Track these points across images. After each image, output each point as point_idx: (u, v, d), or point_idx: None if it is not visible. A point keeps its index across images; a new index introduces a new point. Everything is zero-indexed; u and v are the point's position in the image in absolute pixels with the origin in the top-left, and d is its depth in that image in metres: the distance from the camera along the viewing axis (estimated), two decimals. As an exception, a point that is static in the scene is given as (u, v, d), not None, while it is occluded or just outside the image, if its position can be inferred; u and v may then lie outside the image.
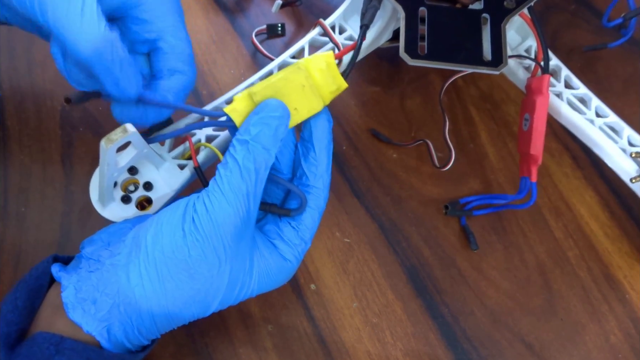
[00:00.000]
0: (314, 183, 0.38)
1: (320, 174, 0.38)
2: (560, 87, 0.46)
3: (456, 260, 0.46)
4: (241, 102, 0.36)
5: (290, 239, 0.38)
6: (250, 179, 0.34)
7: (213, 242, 0.33)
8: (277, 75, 0.36)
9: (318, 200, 0.38)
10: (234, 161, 0.34)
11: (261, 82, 0.36)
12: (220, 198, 0.33)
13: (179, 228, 0.33)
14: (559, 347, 0.44)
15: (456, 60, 0.40)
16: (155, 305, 0.33)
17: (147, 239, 0.33)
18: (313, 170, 0.38)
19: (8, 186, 0.47)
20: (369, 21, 0.40)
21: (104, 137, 0.33)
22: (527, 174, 0.43)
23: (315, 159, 0.38)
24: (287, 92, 0.36)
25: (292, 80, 0.35)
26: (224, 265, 0.34)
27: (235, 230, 0.34)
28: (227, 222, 0.33)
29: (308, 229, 0.38)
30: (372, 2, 0.41)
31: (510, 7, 0.41)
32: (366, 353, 0.43)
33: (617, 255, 0.47)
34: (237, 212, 0.33)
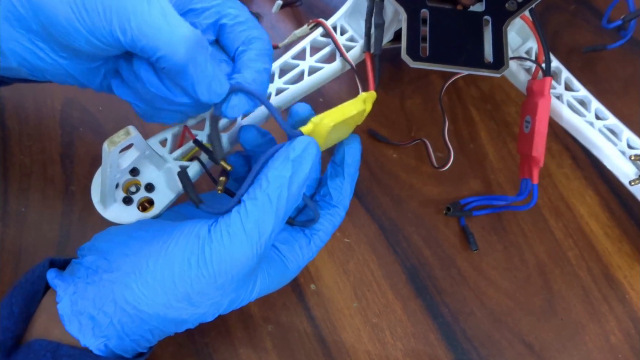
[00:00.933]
0: (337, 203, 0.40)
1: (344, 196, 0.40)
2: (561, 89, 0.46)
3: (456, 260, 0.46)
4: (318, 127, 0.36)
5: (301, 247, 0.38)
6: (279, 220, 0.32)
7: (221, 280, 0.32)
8: (351, 111, 0.37)
9: (335, 219, 0.40)
10: (267, 198, 0.32)
11: (338, 113, 0.37)
12: (241, 236, 0.32)
13: (186, 260, 0.32)
14: (559, 347, 0.44)
15: (458, 62, 0.40)
16: (153, 320, 0.33)
17: (150, 265, 0.32)
18: (338, 191, 0.40)
19: (8, 186, 0.47)
20: (381, 20, 0.42)
21: (106, 140, 0.33)
22: (527, 175, 0.43)
23: (342, 183, 0.40)
24: (347, 124, 0.38)
25: (357, 116, 0.38)
26: (226, 297, 0.33)
27: (248, 271, 0.33)
28: (242, 262, 0.32)
29: (321, 240, 0.39)
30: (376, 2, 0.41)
31: (511, 10, 0.41)
32: (366, 353, 0.43)
33: (617, 255, 0.47)
34: (256, 253, 0.32)
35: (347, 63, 0.43)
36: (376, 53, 0.42)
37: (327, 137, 0.37)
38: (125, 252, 0.34)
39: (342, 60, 0.43)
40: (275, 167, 0.33)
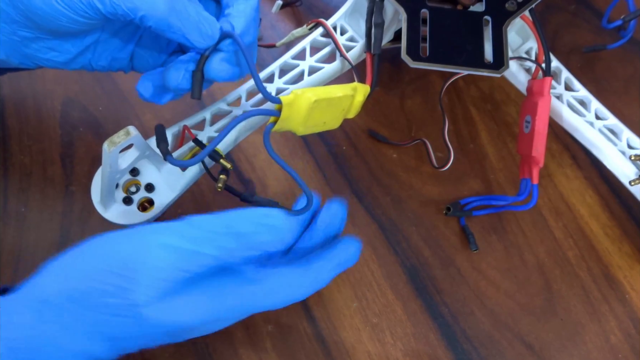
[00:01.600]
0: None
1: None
2: (561, 89, 0.46)
3: (456, 260, 0.46)
4: (299, 99, 0.35)
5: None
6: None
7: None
8: (337, 92, 0.36)
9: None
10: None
11: (323, 91, 0.36)
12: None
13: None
14: (559, 347, 0.44)
15: (458, 62, 0.40)
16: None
17: None
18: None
19: (8, 186, 0.47)
20: (381, 19, 0.41)
21: (106, 140, 0.33)
22: (527, 175, 0.43)
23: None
24: (332, 108, 0.37)
25: (344, 100, 0.37)
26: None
27: None
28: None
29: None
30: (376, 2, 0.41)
31: (511, 10, 0.41)
32: (366, 353, 0.43)
33: (617, 255, 0.47)
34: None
35: (347, 63, 0.43)
36: (375, 52, 0.42)
37: (309, 115, 0.36)
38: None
39: (342, 61, 0.43)
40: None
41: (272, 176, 0.48)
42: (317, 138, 0.50)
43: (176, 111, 0.50)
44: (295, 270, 0.35)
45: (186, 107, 0.50)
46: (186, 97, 0.51)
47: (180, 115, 0.49)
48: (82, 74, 0.51)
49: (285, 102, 0.34)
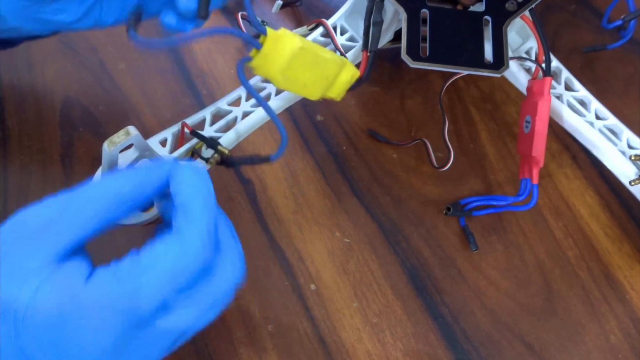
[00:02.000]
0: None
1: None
2: (561, 89, 0.46)
3: (456, 260, 0.46)
4: (285, 38, 0.34)
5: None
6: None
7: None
8: (325, 53, 0.36)
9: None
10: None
11: (311, 44, 0.35)
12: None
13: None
14: (559, 347, 0.44)
15: (458, 62, 0.40)
16: None
17: None
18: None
19: (8, 186, 0.46)
20: (380, 18, 0.41)
21: (106, 140, 0.33)
22: (527, 175, 0.43)
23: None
24: (316, 69, 0.35)
25: (330, 67, 0.36)
26: None
27: None
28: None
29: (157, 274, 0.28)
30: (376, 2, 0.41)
31: (511, 10, 0.41)
32: (366, 353, 0.43)
33: (617, 255, 0.47)
34: None
35: (353, 62, 0.43)
36: (372, 50, 0.41)
37: (290, 63, 0.34)
38: None
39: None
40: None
41: (272, 176, 0.48)
42: (317, 138, 0.50)
43: (176, 111, 0.50)
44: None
45: (186, 107, 0.50)
46: (185, 97, 0.51)
47: (180, 115, 0.49)
48: (82, 73, 0.51)
49: (270, 34, 0.33)
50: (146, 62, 0.52)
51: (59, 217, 0.29)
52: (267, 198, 0.48)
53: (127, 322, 0.27)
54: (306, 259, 0.46)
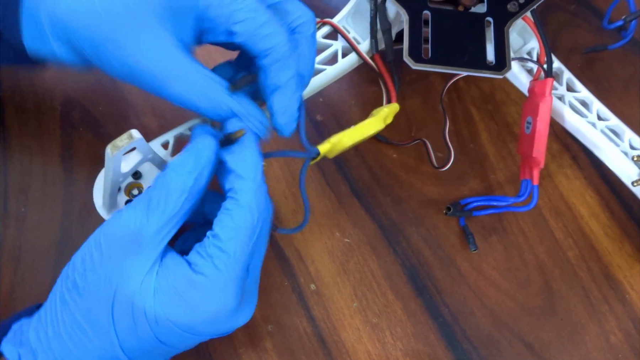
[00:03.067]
0: (239, 196, 0.33)
1: (248, 165, 0.34)
2: (562, 90, 0.46)
3: (456, 260, 0.46)
4: (335, 147, 0.38)
5: (205, 248, 0.33)
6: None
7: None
8: (370, 130, 0.39)
9: (243, 214, 0.33)
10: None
11: (357, 133, 0.39)
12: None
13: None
14: (559, 347, 0.44)
15: (460, 64, 0.40)
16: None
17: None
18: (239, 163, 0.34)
19: (8, 186, 0.46)
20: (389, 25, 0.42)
21: (109, 144, 0.33)
22: (528, 176, 0.43)
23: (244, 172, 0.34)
24: (363, 139, 0.40)
25: (376, 131, 0.40)
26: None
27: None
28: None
29: (230, 238, 0.32)
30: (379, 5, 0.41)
31: (513, 11, 0.41)
32: (366, 353, 0.43)
33: (617, 255, 0.47)
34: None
35: (349, 65, 0.43)
36: (389, 60, 0.42)
37: (341, 150, 0.39)
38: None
39: (344, 62, 0.43)
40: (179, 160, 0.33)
41: (273, 176, 0.48)
42: (317, 138, 0.50)
43: (176, 111, 0.50)
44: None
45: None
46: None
47: (180, 115, 0.49)
48: (82, 73, 0.51)
49: (322, 151, 0.37)
50: (146, 61, 0.52)
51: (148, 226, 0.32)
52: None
53: (238, 281, 0.33)
54: (306, 259, 0.46)
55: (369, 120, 0.39)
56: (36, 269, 0.44)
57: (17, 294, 0.43)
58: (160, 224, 0.32)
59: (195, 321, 0.33)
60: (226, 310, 0.33)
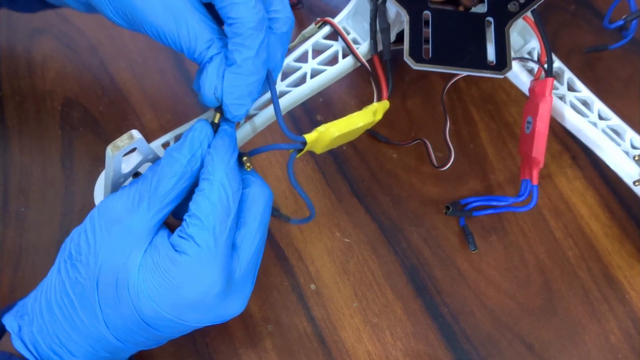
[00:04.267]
0: (205, 169, 0.34)
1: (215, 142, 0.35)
2: (563, 89, 0.45)
3: (456, 260, 0.47)
4: (322, 135, 0.37)
5: (184, 229, 0.33)
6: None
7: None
8: (358, 122, 0.38)
9: (217, 189, 0.33)
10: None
11: (345, 123, 0.38)
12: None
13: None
14: (559, 347, 0.44)
15: (460, 64, 0.40)
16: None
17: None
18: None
19: (8, 186, 0.47)
20: (386, 24, 0.41)
21: (110, 144, 0.33)
22: (528, 176, 0.43)
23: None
24: (352, 133, 0.39)
25: (366, 125, 0.39)
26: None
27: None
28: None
29: (206, 215, 0.33)
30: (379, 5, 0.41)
31: (513, 11, 0.41)
32: (366, 353, 0.43)
33: (617, 255, 0.47)
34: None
35: (349, 66, 0.43)
36: (386, 58, 0.41)
37: (330, 143, 0.38)
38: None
39: (344, 63, 0.43)
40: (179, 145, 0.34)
41: (272, 176, 0.48)
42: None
43: (176, 111, 0.50)
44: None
45: (186, 108, 0.50)
46: (185, 97, 0.51)
47: (180, 115, 0.49)
48: (82, 73, 0.51)
49: (309, 140, 0.36)
50: (146, 62, 0.52)
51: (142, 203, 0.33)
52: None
53: (221, 259, 0.33)
54: (306, 259, 0.46)
55: (358, 112, 0.39)
56: (36, 269, 0.44)
57: (17, 294, 0.43)
58: (153, 210, 0.33)
59: (178, 303, 0.33)
60: (211, 293, 0.33)
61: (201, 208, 0.33)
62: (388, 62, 0.42)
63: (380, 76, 0.42)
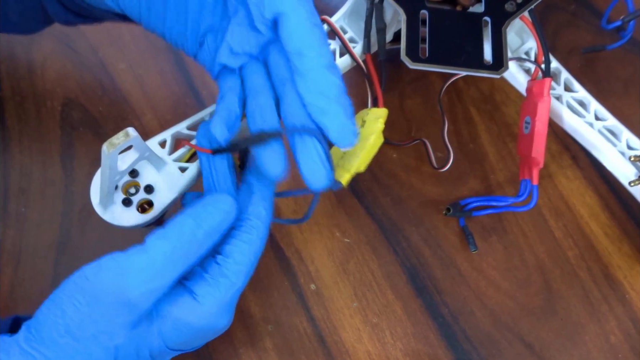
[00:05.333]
0: (249, 217, 0.35)
1: (260, 209, 0.35)
2: (560, 90, 0.46)
3: (456, 260, 0.46)
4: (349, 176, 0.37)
5: (213, 277, 0.33)
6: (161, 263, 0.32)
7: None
8: (377, 144, 0.37)
9: (250, 235, 0.34)
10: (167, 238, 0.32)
11: (367, 154, 0.37)
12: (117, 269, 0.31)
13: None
14: (559, 347, 0.44)
15: (457, 63, 0.40)
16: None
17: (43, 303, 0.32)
18: (253, 206, 0.35)
19: (8, 186, 0.47)
20: (384, 24, 0.41)
21: (105, 142, 0.33)
22: (527, 176, 0.43)
23: (254, 196, 0.35)
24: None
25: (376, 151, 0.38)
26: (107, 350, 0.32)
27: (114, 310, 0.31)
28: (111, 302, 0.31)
29: (237, 263, 0.33)
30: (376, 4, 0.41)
31: (511, 11, 0.41)
32: (366, 353, 0.43)
33: (617, 255, 0.47)
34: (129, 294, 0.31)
35: (351, 63, 0.43)
36: (381, 59, 0.41)
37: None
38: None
39: (341, 62, 0.43)
40: (182, 212, 0.33)
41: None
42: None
43: (176, 111, 0.50)
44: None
45: (186, 108, 0.50)
46: (185, 97, 0.51)
47: (180, 115, 0.49)
48: (82, 73, 0.51)
49: (345, 183, 0.36)
50: (146, 62, 0.52)
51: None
52: (267, 198, 0.48)
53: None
54: (306, 259, 0.46)
55: (373, 138, 0.39)
56: (36, 269, 0.44)
57: (17, 294, 0.43)
58: (150, 287, 0.31)
59: (190, 341, 0.34)
60: (221, 328, 0.35)
61: (231, 270, 0.33)
62: (383, 62, 0.42)
63: (375, 80, 0.42)
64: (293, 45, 0.33)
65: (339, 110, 0.33)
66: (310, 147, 0.34)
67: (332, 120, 0.33)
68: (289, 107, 0.35)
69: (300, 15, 0.33)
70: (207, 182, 0.36)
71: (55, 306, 0.31)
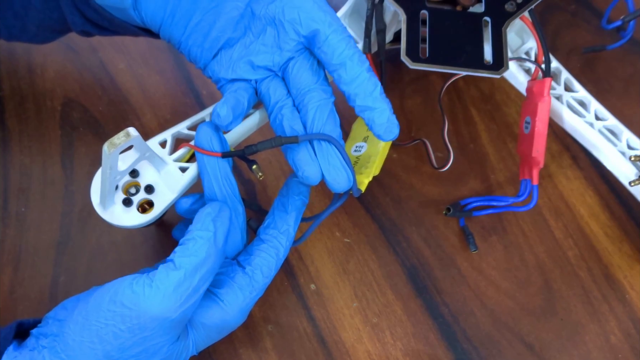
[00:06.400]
0: (280, 232, 0.39)
1: (289, 225, 0.39)
2: (560, 89, 0.46)
3: (456, 260, 0.46)
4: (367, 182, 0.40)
5: (240, 287, 0.37)
6: (205, 274, 0.34)
7: (140, 334, 0.33)
8: (384, 154, 0.41)
9: (278, 250, 0.38)
10: (195, 254, 0.34)
11: (380, 159, 0.41)
12: (162, 289, 0.32)
13: (102, 317, 0.32)
14: (559, 347, 0.44)
15: (457, 63, 0.40)
16: None
17: (70, 327, 0.33)
18: (282, 221, 0.39)
19: (8, 186, 0.47)
20: (383, 25, 0.41)
21: (106, 142, 0.33)
22: (527, 176, 0.43)
23: (287, 213, 0.39)
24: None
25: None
26: (155, 355, 0.34)
27: (169, 324, 0.33)
28: (160, 315, 0.32)
29: (264, 276, 0.38)
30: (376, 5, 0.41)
31: (511, 11, 0.41)
32: (366, 353, 0.43)
33: (617, 255, 0.47)
34: (175, 306, 0.33)
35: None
36: (380, 59, 0.41)
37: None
38: (63, 317, 0.34)
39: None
40: (199, 227, 0.34)
41: (272, 175, 0.48)
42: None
43: (176, 111, 0.50)
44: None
45: (186, 108, 0.50)
46: (185, 97, 0.51)
47: (180, 115, 0.49)
48: (82, 73, 0.51)
49: (364, 189, 0.40)
50: (146, 62, 0.52)
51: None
52: (267, 197, 0.48)
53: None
54: (306, 258, 0.46)
55: (382, 143, 0.41)
56: (36, 269, 0.44)
57: (17, 294, 0.43)
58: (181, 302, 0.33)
59: (211, 339, 0.38)
60: (236, 326, 0.39)
61: (258, 281, 0.38)
62: (382, 63, 0.42)
63: (372, 69, 0.42)
64: (337, 58, 0.37)
65: (385, 107, 0.37)
66: (330, 152, 0.37)
67: (380, 115, 0.37)
68: (309, 116, 0.38)
69: (337, 31, 0.36)
70: (209, 188, 0.38)
71: (89, 333, 0.32)
